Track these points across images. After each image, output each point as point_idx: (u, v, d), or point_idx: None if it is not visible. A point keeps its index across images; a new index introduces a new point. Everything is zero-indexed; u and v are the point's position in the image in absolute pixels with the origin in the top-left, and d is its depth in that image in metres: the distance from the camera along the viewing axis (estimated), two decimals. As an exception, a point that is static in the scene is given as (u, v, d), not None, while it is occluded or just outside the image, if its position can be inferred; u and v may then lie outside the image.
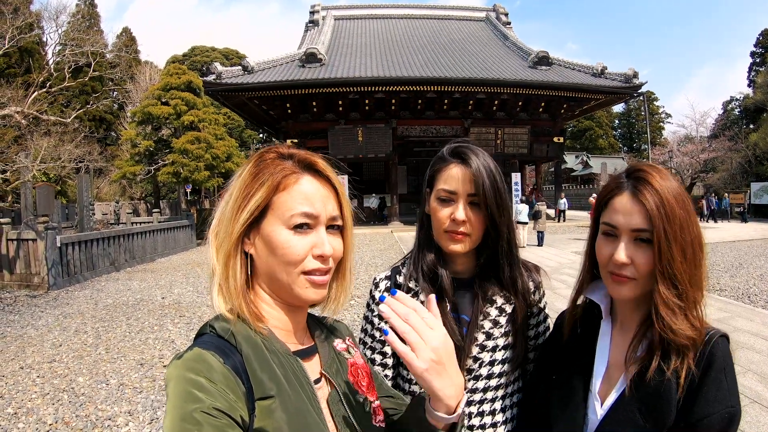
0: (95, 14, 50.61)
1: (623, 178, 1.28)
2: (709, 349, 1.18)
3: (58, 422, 4.83)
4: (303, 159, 1.06)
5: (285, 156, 1.06)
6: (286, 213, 1.00)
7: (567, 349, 1.42)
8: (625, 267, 1.22)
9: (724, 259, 14.41)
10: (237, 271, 1.02)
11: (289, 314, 1.08)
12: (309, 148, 1.10)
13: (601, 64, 29.49)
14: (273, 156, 1.06)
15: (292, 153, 1.07)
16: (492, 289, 1.53)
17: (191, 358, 0.90)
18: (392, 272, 1.65)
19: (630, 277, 1.22)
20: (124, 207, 30.67)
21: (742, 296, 9.64)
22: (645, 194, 1.20)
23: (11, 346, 7.41)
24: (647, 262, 1.20)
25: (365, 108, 28.91)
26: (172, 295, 10.99)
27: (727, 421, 1.13)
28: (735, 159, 37.59)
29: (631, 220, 1.21)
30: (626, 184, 1.26)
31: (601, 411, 1.26)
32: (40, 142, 19.62)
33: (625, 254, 1.21)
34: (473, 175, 1.43)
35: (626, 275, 1.22)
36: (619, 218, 1.23)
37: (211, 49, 61.36)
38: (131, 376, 6.03)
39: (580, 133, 71.72)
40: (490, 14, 41.26)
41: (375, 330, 1.62)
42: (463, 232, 1.45)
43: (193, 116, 27.60)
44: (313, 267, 1.02)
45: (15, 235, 12.64)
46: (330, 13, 39.29)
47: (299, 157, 1.06)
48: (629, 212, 1.22)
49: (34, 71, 24.70)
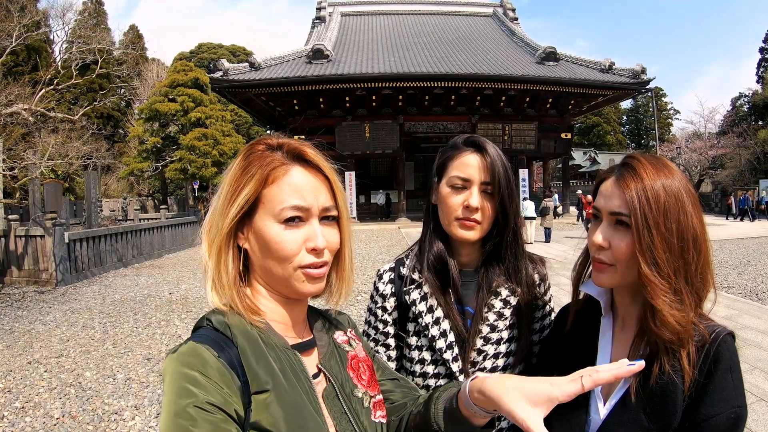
0: (102, 12, 50.77)
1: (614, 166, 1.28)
2: (715, 348, 1.15)
3: (65, 416, 4.86)
4: (292, 149, 1.04)
5: (274, 147, 1.04)
6: (276, 207, 0.98)
7: (568, 346, 1.40)
8: (602, 251, 1.21)
9: (732, 257, 14.31)
10: (229, 266, 1.01)
11: (287, 307, 1.06)
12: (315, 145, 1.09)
13: (609, 60, 29.30)
14: (262, 148, 1.04)
15: (281, 143, 1.05)
16: (497, 280, 1.52)
17: (185, 353, 0.89)
18: (396, 264, 1.64)
19: (608, 263, 1.21)
20: (132, 203, 30.85)
21: (749, 294, 9.58)
22: (627, 179, 1.19)
23: (19, 341, 7.46)
24: (624, 247, 1.17)
25: (372, 104, 28.89)
26: (179, 291, 11.03)
27: (734, 422, 1.11)
28: (744, 156, 37.25)
29: (610, 203, 1.20)
30: (615, 170, 1.25)
31: (604, 411, 1.24)
32: (47, 139, 19.68)
33: (602, 236, 1.20)
34: (489, 163, 1.45)
35: (604, 260, 1.21)
36: (601, 201, 1.23)
37: (218, 46, 61.46)
38: (138, 371, 6.06)
39: (588, 129, 71.39)
40: (497, 10, 41.11)
41: (378, 322, 1.61)
42: (476, 220, 1.46)
43: (200, 113, 27.67)
44: (307, 261, 1.00)
45: (23, 232, 12.70)
46: (337, 10, 39.28)
47: (288, 147, 1.04)
48: (610, 195, 1.21)
49: (41, 69, 24.86)
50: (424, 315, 1.51)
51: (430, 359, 1.52)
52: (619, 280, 1.22)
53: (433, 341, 1.50)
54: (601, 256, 1.21)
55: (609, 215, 1.21)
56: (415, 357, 1.54)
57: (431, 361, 1.52)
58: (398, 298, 1.58)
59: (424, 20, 39.80)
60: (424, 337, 1.52)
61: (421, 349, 1.53)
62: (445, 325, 1.50)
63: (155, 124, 29.36)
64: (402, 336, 1.58)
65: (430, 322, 1.50)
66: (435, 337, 1.49)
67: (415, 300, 1.53)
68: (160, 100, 28.27)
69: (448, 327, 1.50)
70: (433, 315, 1.51)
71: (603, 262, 1.21)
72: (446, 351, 1.48)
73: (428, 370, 1.52)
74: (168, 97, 28.42)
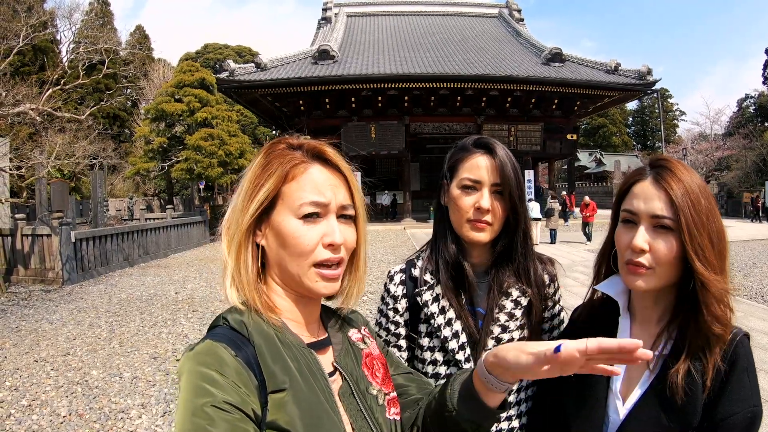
0: (108, 12, 50.89)
1: (646, 167, 1.26)
2: (733, 348, 1.16)
3: (72, 414, 4.87)
4: (312, 148, 1.05)
5: (294, 146, 1.05)
6: (295, 202, 0.99)
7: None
8: (642, 255, 1.18)
9: (737, 259, 14.23)
10: (248, 262, 1.01)
11: (301, 306, 1.07)
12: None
13: (615, 61, 29.22)
14: (282, 147, 1.05)
15: (302, 143, 1.06)
16: (507, 281, 1.52)
17: (202, 351, 0.89)
18: (407, 265, 1.64)
19: (647, 267, 1.18)
20: (138, 203, 30.94)
21: (755, 296, 9.56)
22: (668, 181, 1.18)
23: (26, 339, 7.49)
24: (667, 251, 1.16)
25: (378, 105, 28.86)
26: (185, 291, 11.05)
27: (750, 421, 1.12)
28: (750, 157, 37.12)
29: (652, 206, 1.18)
30: (648, 172, 1.23)
31: (623, 410, 1.24)
32: (54, 139, 19.76)
33: (644, 240, 1.18)
34: (499, 165, 1.45)
35: (643, 264, 1.18)
36: (640, 204, 1.20)
37: (224, 47, 61.50)
38: (144, 370, 6.07)
39: (593, 130, 71.17)
40: (503, 11, 41.05)
41: (390, 323, 1.61)
42: (487, 221, 1.46)
43: (207, 113, 27.68)
44: (324, 257, 1.00)
45: (30, 231, 12.76)
46: (342, 11, 39.29)
47: (308, 146, 1.05)
48: (650, 197, 1.19)
49: (48, 69, 24.86)
50: (437, 316, 1.51)
51: (443, 360, 1.52)
52: (656, 282, 1.20)
53: (445, 342, 1.50)
54: (641, 259, 1.18)
55: (650, 218, 1.18)
56: (427, 358, 1.54)
57: (443, 362, 1.52)
58: (410, 300, 1.58)
59: (429, 21, 39.78)
60: (436, 338, 1.52)
61: (434, 350, 1.53)
62: (457, 326, 1.50)
63: (161, 124, 29.41)
64: (414, 337, 1.58)
65: (442, 323, 1.50)
66: (447, 338, 1.49)
67: (427, 301, 1.53)
68: (166, 101, 28.32)
69: (461, 328, 1.50)
70: (445, 316, 1.51)
71: (642, 266, 1.18)
72: (458, 352, 1.48)
73: (440, 371, 1.52)
74: (174, 98, 28.47)
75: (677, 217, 1.15)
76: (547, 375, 0.89)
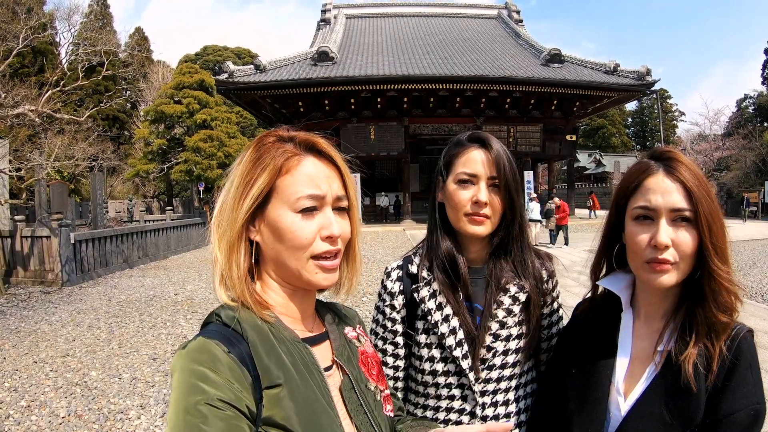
0: (108, 14, 50.96)
1: (650, 162, 1.23)
2: (736, 344, 1.15)
3: (71, 415, 4.87)
4: (304, 140, 1.04)
5: (285, 139, 1.04)
6: (292, 196, 0.98)
7: (586, 342, 1.37)
8: (666, 250, 1.15)
9: (737, 258, 14.21)
10: (241, 260, 1.00)
11: (296, 301, 1.06)
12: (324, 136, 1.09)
13: (614, 62, 29.24)
14: (273, 139, 1.03)
15: (292, 135, 1.04)
16: (505, 276, 1.52)
17: (195, 349, 0.88)
18: (404, 262, 1.63)
19: (672, 263, 1.15)
20: (138, 205, 30.89)
21: (755, 295, 9.57)
22: (682, 172, 1.16)
23: (25, 340, 7.47)
24: (690, 243, 1.14)
25: (377, 106, 28.86)
26: (184, 292, 11.04)
27: (753, 418, 1.11)
28: (749, 157, 37.14)
29: (671, 199, 1.15)
30: (656, 165, 1.21)
31: (625, 406, 1.23)
32: (53, 141, 19.78)
33: (668, 235, 1.15)
34: (494, 158, 1.46)
35: (668, 260, 1.15)
36: (657, 198, 1.17)
37: (224, 48, 61.61)
38: (143, 371, 6.06)
39: (592, 131, 71.24)
40: (502, 12, 41.08)
41: (387, 320, 1.60)
42: (485, 215, 1.46)
43: (206, 115, 27.75)
44: (322, 250, 0.99)
45: (29, 232, 12.76)
46: (342, 12, 39.29)
47: (300, 138, 1.04)
48: (668, 191, 1.16)
49: (47, 70, 24.89)
50: (434, 312, 1.50)
51: (440, 357, 1.51)
52: (678, 277, 1.18)
53: (442, 339, 1.49)
54: (665, 255, 1.15)
55: (670, 212, 1.16)
56: (424, 355, 1.53)
57: (441, 358, 1.51)
58: (407, 296, 1.57)
59: (428, 22, 39.79)
60: (433, 335, 1.51)
61: (431, 347, 1.52)
62: (454, 322, 1.49)
63: (161, 125, 29.47)
64: (411, 334, 1.57)
65: (439, 319, 1.49)
66: (444, 334, 1.48)
67: (424, 297, 1.52)
68: (165, 102, 28.39)
69: (458, 324, 1.49)
70: (442, 312, 1.50)
71: (668, 262, 1.15)
72: (456, 348, 1.47)
73: (438, 368, 1.51)
74: (174, 99, 28.54)
75: (696, 208, 1.13)
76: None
